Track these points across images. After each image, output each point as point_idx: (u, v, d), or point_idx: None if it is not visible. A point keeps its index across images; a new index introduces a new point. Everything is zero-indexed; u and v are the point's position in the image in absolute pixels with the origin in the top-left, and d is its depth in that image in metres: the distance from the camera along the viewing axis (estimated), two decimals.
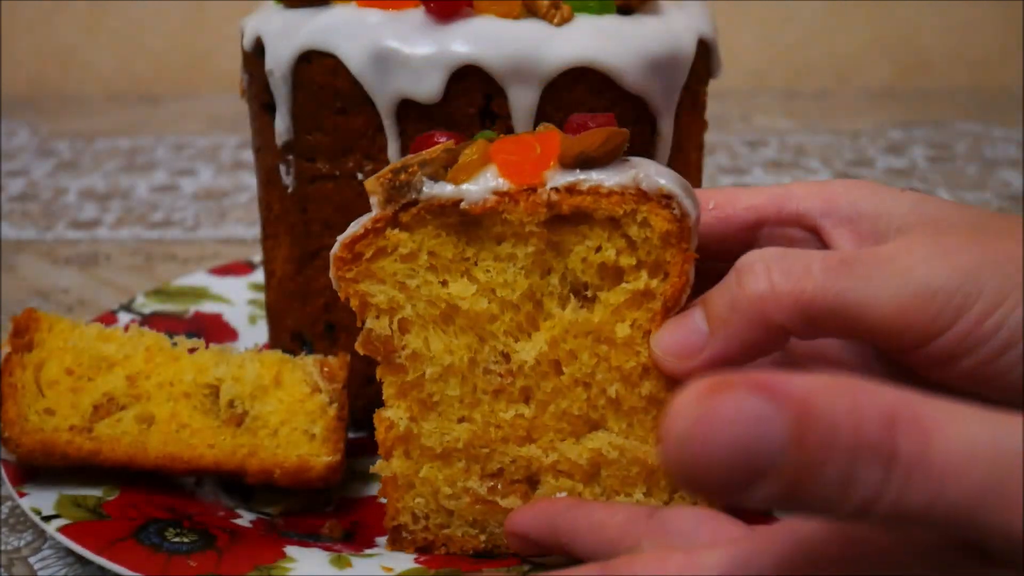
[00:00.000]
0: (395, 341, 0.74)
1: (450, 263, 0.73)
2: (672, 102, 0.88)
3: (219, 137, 2.02)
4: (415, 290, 0.73)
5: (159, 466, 0.81)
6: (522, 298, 0.73)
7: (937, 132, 1.96)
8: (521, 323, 0.74)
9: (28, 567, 0.81)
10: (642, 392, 0.73)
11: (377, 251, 0.73)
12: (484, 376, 0.74)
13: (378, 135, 0.85)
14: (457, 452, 0.76)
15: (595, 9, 0.85)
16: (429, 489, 0.78)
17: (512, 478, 0.77)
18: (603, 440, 0.75)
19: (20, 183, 1.77)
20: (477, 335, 0.74)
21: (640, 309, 0.72)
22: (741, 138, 1.96)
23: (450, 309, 0.74)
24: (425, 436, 0.76)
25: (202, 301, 1.17)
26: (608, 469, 0.76)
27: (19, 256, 1.45)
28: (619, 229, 0.71)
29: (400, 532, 0.79)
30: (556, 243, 0.72)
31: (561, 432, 0.75)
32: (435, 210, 0.71)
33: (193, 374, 0.84)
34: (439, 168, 0.71)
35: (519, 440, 0.76)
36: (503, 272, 0.73)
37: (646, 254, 0.71)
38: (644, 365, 0.73)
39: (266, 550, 0.76)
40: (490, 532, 0.78)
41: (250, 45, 0.92)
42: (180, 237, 1.52)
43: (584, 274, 0.72)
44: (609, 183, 0.70)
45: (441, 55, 0.81)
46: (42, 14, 2.33)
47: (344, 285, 0.74)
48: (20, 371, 0.82)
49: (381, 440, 0.77)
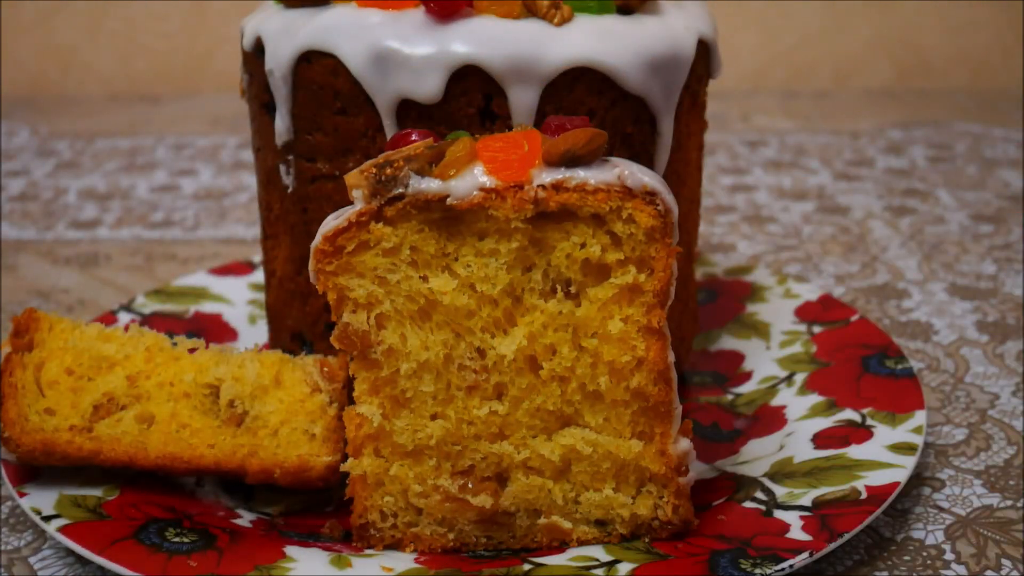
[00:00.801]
0: (372, 336, 0.75)
1: (431, 258, 0.74)
2: (672, 102, 0.88)
3: (219, 137, 2.02)
4: (395, 285, 0.74)
5: (159, 466, 0.81)
6: (502, 293, 0.74)
7: (937, 132, 1.96)
8: (499, 319, 0.75)
9: (28, 567, 0.81)
10: (631, 385, 0.75)
11: (359, 245, 0.74)
12: (459, 372, 0.76)
13: (378, 135, 0.85)
14: (429, 449, 0.77)
15: (595, 9, 0.85)
16: (398, 487, 0.78)
17: (482, 475, 0.78)
18: (577, 436, 0.77)
19: (20, 183, 1.77)
20: (454, 331, 0.75)
21: (632, 304, 0.74)
22: (741, 138, 1.97)
23: (428, 304, 0.75)
24: (397, 433, 0.77)
25: (202, 301, 1.17)
26: (579, 465, 0.77)
27: (19, 256, 1.45)
28: (603, 226, 0.73)
29: (367, 530, 0.80)
30: (539, 239, 0.73)
31: (533, 429, 0.77)
32: (420, 205, 0.72)
33: (193, 374, 0.84)
34: (424, 164, 0.72)
35: (491, 437, 0.77)
36: (484, 267, 0.74)
37: (631, 250, 0.73)
38: (639, 359, 0.74)
39: (266, 550, 0.76)
40: (459, 530, 0.79)
41: (250, 45, 0.92)
42: (180, 237, 1.52)
43: (568, 270, 0.74)
44: (594, 181, 0.72)
45: (441, 55, 0.81)
46: (42, 14, 2.33)
47: (323, 278, 0.74)
48: (20, 371, 0.82)
49: (351, 438, 0.78)
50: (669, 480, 0.77)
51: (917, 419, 0.88)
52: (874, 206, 1.58)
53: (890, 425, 0.88)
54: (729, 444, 0.93)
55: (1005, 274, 1.31)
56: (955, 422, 0.99)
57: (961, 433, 0.97)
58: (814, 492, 0.80)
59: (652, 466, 0.77)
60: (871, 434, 0.87)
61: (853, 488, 0.80)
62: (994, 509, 0.86)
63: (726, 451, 0.92)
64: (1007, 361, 1.10)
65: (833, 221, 1.53)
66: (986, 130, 1.98)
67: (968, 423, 0.99)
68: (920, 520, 0.85)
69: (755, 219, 1.54)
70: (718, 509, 0.81)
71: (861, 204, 1.60)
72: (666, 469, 0.77)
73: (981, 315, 1.20)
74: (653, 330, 0.74)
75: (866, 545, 0.82)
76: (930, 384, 1.05)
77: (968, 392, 1.04)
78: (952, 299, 1.25)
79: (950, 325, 1.18)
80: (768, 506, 0.80)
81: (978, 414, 1.00)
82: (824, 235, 1.47)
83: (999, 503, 0.87)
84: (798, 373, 1.00)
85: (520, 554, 0.78)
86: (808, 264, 1.37)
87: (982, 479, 0.90)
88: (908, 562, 0.80)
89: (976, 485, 0.89)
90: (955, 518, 0.85)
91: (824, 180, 1.72)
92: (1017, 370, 1.08)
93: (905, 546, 0.82)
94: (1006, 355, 1.11)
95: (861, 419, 0.90)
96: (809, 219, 1.54)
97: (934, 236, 1.45)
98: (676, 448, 0.77)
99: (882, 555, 0.81)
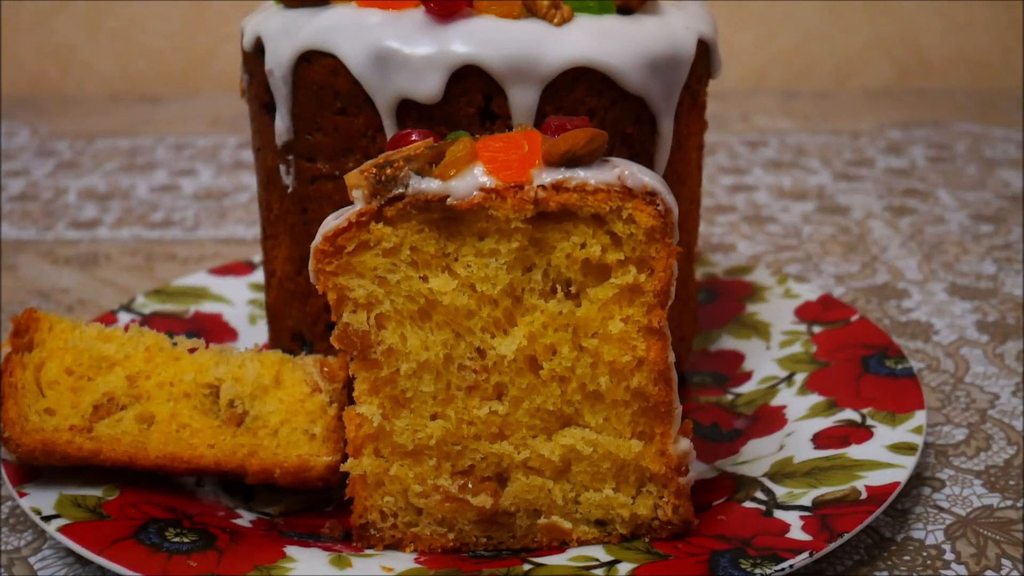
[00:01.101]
0: (371, 336, 0.75)
1: (431, 258, 0.74)
2: (672, 102, 0.88)
3: (219, 137, 2.02)
4: (395, 285, 0.74)
5: (159, 466, 0.81)
6: (502, 294, 0.74)
7: (937, 132, 1.96)
8: (499, 319, 0.75)
9: (28, 567, 0.81)
10: (631, 385, 0.75)
11: (359, 245, 0.74)
12: (459, 372, 0.76)
13: (378, 135, 0.85)
14: (428, 449, 0.77)
15: (595, 9, 0.85)
16: (398, 487, 0.78)
17: (482, 475, 0.78)
18: (577, 436, 0.77)
19: (20, 183, 1.77)
20: (453, 331, 0.75)
21: (632, 304, 0.74)
22: (741, 138, 1.97)
23: (428, 304, 0.75)
24: (397, 433, 0.77)
25: (202, 301, 1.17)
26: (579, 465, 0.78)
27: (19, 256, 1.45)
28: (603, 226, 0.73)
29: (367, 530, 0.80)
30: (539, 239, 0.73)
31: (533, 429, 0.77)
32: (421, 205, 0.72)
33: (193, 374, 0.84)
34: (424, 164, 0.72)
35: (491, 437, 0.77)
36: (484, 267, 0.74)
37: (631, 250, 0.73)
38: (640, 359, 0.74)
39: (266, 550, 0.76)
40: (459, 530, 0.79)
41: (250, 45, 0.92)
42: (180, 237, 1.52)
43: (568, 270, 0.74)
44: (594, 181, 0.72)
45: (441, 55, 0.81)
46: (42, 14, 2.33)
47: (323, 278, 0.74)
48: (20, 371, 0.82)
49: (351, 438, 0.78)
50: (669, 480, 0.77)
51: (917, 419, 0.88)
52: (874, 206, 1.58)
53: (890, 425, 0.88)
54: (729, 444, 0.93)
55: (1005, 274, 1.31)
56: (955, 422, 0.99)
57: (961, 433, 0.97)
58: (814, 492, 0.80)
59: (652, 466, 0.77)
60: (871, 434, 0.87)
61: (853, 488, 0.80)
62: (994, 509, 0.86)
63: (726, 451, 0.92)
64: (1007, 361, 1.10)
65: (833, 221, 1.53)
66: (986, 130, 1.98)
67: (968, 423, 0.99)
68: (920, 520, 0.85)
69: (755, 219, 1.54)
70: (718, 509, 0.81)
71: (861, 204, 1.60)
72: (666, 469, 0.77)
73: (981, 315, 1.20)
74: (653, 330, 0.74)
75: (866, 545, 0.82)
76: (930, 384, 1.05)
77: (968, 392, 1.04)
78: (952, 299, 1.25)
79: (950, 325, 1.18)
80: (768, 506, 0.80)
81: (978, 414, 1.00)
82: (824, 235, 1.47)
83: (999, 503, 0.87)
84: (798, 373, 1.00)
85: (520, 554, 0.78)
86: (808, 264, 1.37)
87: (982, 479, 0.90)
88: (908, 562, 0.80)
89: (976, 485, 0.89)
90: (955, 518, 0.85)
91: (824, 180, 1.72)
92: (1017, 370, 1.08)
93: (905, 546, 0.82)
94: (1006, 355, 1.11)
95: (861, 419, 0.90)
96: (809, 219, 1.54)
97: (934, 236, 1.45)
98: (676, 448, 0.77)
99: (882, 555, 0.81)
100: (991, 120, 2.04)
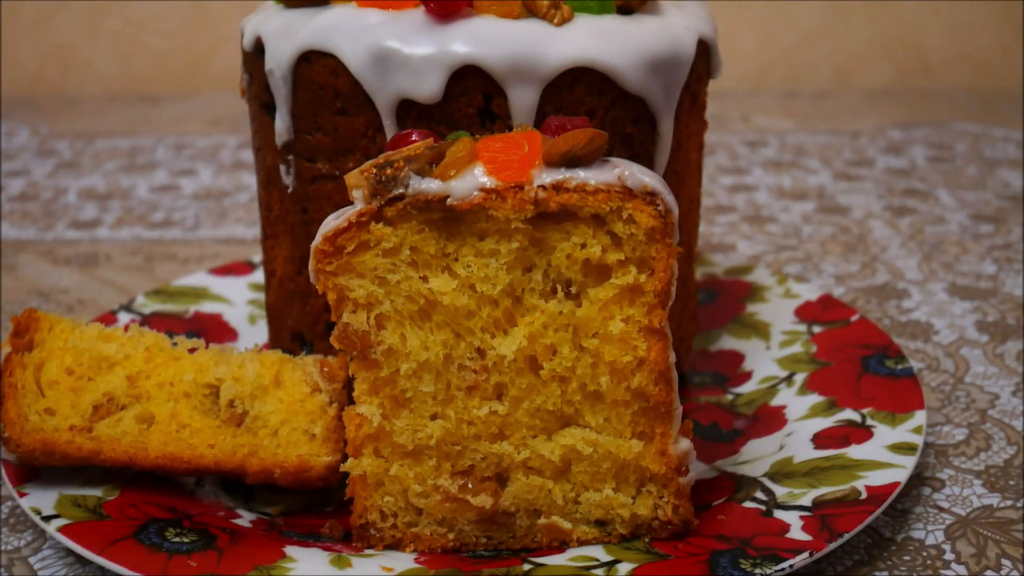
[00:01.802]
0: (371, 336, 0.75)
1: (431, 258, 0.74)
2: (672, 102, 0.88)
3: (219, 137, 2.02)
4: (395, 285, 0.74)
5: (159, 466, 0.81)
6: (502, 294, 0.74)
7: (937, 132, 1.96)
8: (499, 319, 0.75)
9: (28, 567, 0.81)
10: (631, 385, 0.75)
11: (359, 245, 0.74)
12: (459, 373, 0.76)
13: (378, 135, 0.85)
14: (428, 449, 0.77)
15: (595, 9, 0.85)
16: (398, 487, 0.78)
17: (482, 475, 0.78)
18: (577, 436, 0.77)
19: (20, 183, 1.77)
20: (453, 331, 0.75)
21: (633, 305, 0.74)
22: (741, 138, 1.97)
23: (428, 305, 0.75)
24: (397, 433, 0.77)
25: (202, 301, 1.17)
26: (579, 465, 0.78)
27: (19, 256, 1.45)
28: (604, 226, 0.73)
29: (367, 530, 0.80)
30: (539, 240, 0.74)
31: (533, 429, 0.77)
32: (421, 205, 0.72)
33: (193, 374, 0.84)
34: (424, 164, 0.72)
35: (491, 437, 0.77)
36: (484, 267, 0.74)
37: (631, 250, 0.73)
38: (640, 359, 0.74)
39: (266, 550, 0.76)
40: (459, 530, 0.79)
41: (250, 45, 0.92)
42: (180, 237, 1.52)
43: (568, 270, 0.74)
44: (595, 181, 0.72)
45: (441, 55, 0.81)
46: (42, 14, 2.33)
47: (323, 278, 0.75)
48: (20, 371, 0.82)
49: (351, 438, 0.78)
50: (669, 480, 0.77)
51: (917, 419, 0.88)
52: (874, 206, 1.58)
53: (890, 425, 0.88)
54: (729, 444, 0.93)
55: (1005, 274, 1.31)
56: (955, 422, 0.99)
57: (961, 433, 0.97)
58: (814, 492, 0.80)
59: (652, 466, 0.77)
60: (871, 434, 0.87)
61: (853, 488, 0.80)
62: (994, 509, 0.86)
63: (726, 451, 0.92)
64: (1007, 361, 1.10)
65: (833, 221, 1.53)
66: (986, 130, 1.98)
67: (968, 423, 0.99)
68: (920, 520, 0.85)
69: (755, 219, 1.54)
70: (718, 509, 0.81)
71: (861, 204, 1.60)
72: (666, 469, 0.77)
73: (981, 315, 1.20)
74: (654, 330, 0.74)
75: (866, 545, 0.82)
76: (930, 384, 1.05)
77: (968, 392, 1.04)
78: (952, 299, 1.25)
79: (950, 325, 1.18)
80: (768, 506, 0.80)
81: (978, 414, 1.00)
82: (824, 235, 1.47)
83: (999, 503, 0.87)
84: (798, 373, 1.00)
85: (520, 554, 0.78)
86: (808, 264, 1.37)
87: (982, 479, 0.90)
88: (908, 562, 0.80)
89: (976, 485, 0.89)
90: (955, 518, 0.85)
91: (824, 180, 1.72)
92: (1017, 370, 1.08)
93: (905, 546, 0.82)
94: (1006, 355, 1.11)
95: (861, 419, 0.90)
96: (809, 219, 1.54)
97: (934, 236, 1.45)
98: (676, 448, 0.77)
99: (882, 555, 0.81)
100: (991, 120, 2.04)
